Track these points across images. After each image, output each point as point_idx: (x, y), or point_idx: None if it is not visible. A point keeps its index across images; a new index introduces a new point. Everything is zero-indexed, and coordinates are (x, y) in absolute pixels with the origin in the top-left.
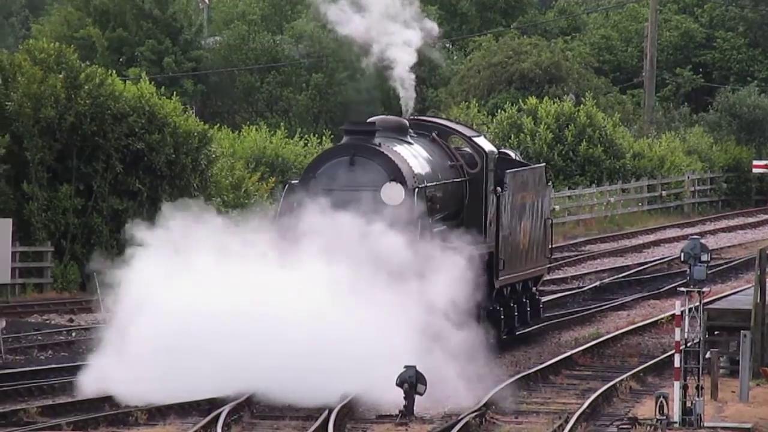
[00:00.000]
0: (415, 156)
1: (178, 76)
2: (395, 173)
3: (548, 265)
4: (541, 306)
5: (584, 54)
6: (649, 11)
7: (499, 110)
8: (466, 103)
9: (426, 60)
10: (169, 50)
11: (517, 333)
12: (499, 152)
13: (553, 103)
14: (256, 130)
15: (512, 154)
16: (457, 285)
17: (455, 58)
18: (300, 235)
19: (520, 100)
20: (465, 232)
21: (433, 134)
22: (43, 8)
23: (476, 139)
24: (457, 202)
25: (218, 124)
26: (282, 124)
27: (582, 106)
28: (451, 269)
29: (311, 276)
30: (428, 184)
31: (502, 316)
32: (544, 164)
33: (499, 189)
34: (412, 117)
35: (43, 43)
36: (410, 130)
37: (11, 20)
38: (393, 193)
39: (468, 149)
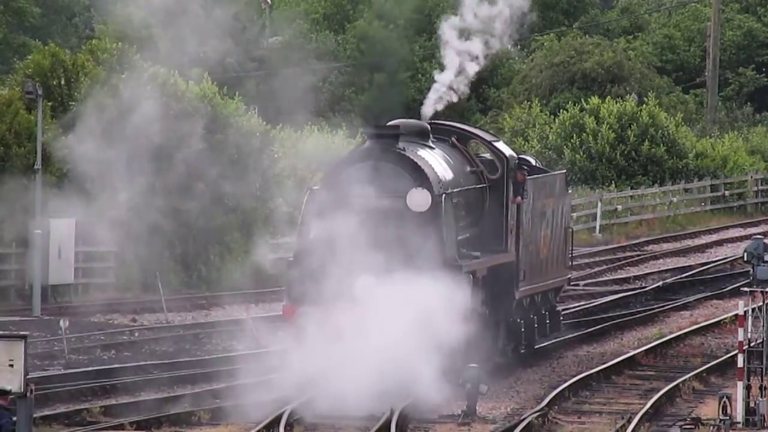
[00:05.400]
0: (438, 161)
1: (241, 76)
2: (421, 179)
3: (569, 276)
4: (561, 318)
5: (647, 54)
6: (712, 11)
7: (561, 110)
8: (528, 102)
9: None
10: (231, 50)
11: (536, 347)
12: (519, 158)
13: (616, 102)
14: (318, 130)
15: (532, 160)
16: (479, 297)
17: (517, 57)
18: (328, 243)
19: (583, 100)
20: (485, 240)
21: (453, 139)
22: (107, 8)
23: (496, 144)
24: (477, 209)
25: (280, 125)
26: (344, 124)
27: (644, 105)
28: (474, 280)
29: (350, 284)
30: (452, 191)
31: (523, 329)
32: (564, 171)
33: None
34: (431, 121)
35: (106, 43)
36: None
37: (74, 20)
38: (419, 199)
39: (488, 155)
